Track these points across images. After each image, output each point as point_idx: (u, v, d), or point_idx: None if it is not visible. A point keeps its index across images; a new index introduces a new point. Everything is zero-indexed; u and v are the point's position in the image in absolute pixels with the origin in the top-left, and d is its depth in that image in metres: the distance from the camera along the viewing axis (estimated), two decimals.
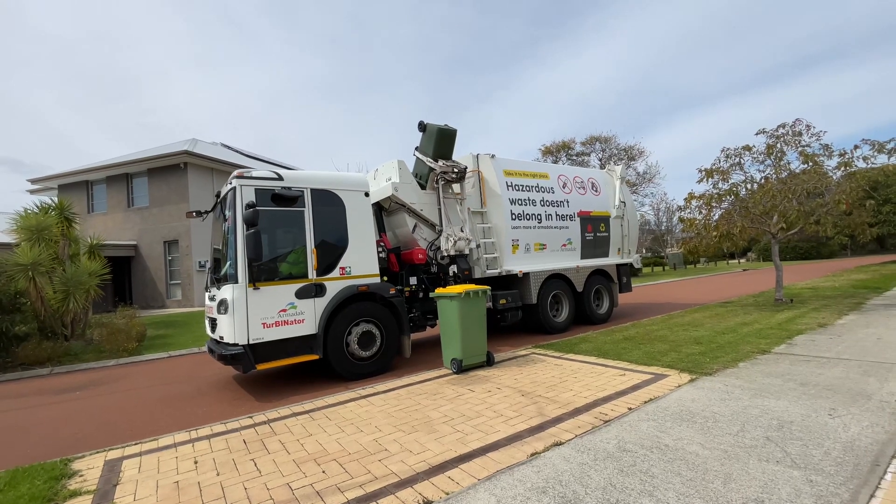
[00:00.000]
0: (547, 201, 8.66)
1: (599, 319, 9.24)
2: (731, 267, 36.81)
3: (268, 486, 2.88)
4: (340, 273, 5.79)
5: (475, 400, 4.38)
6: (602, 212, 9.63)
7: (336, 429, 3.84)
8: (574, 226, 9.03)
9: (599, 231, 9.49)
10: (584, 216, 9.22)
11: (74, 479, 3.16)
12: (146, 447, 3.71)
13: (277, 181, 5.57)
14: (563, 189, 9.04)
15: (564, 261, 8.77)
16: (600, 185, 9.88)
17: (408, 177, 7.20)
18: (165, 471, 3.21)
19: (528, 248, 8.26)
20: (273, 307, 5.24)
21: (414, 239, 7.20)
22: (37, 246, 9.32)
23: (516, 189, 8.24)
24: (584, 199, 9.35)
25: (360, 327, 5.85)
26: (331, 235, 5.82)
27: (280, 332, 5.26)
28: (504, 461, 2.97)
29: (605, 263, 9.46)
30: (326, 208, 5.82)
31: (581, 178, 9.61)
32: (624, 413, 3.71)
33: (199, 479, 3.04)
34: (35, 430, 4.79)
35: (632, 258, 10.19)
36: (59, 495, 2.91)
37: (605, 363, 5.48)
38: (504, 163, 8.34)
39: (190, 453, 3.52)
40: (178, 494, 2.85)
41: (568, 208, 8.97)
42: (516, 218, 8.09)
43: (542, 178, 8.80)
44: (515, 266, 7.88)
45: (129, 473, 3.20)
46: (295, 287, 5.41)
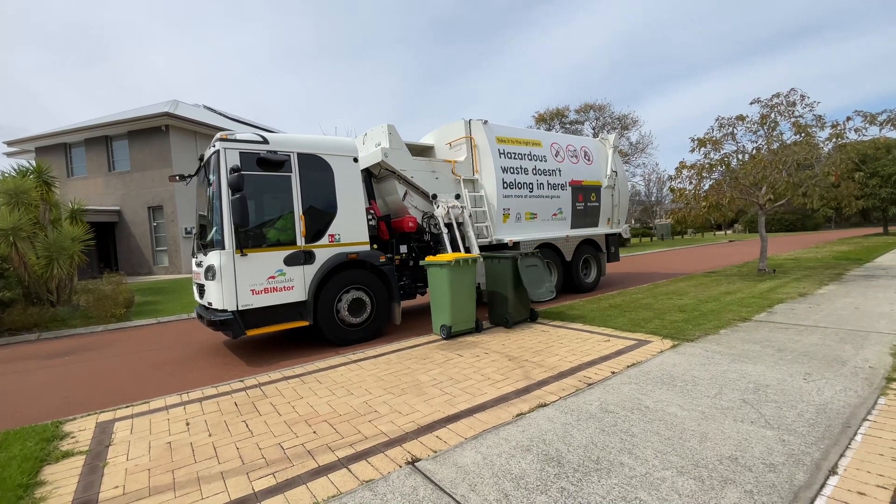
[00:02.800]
0: (539, 170, 8.54)
1: (587, 288, 9.35)
2: (717, 238, 37.35)
3: (259, 445, 2.94)
4: (330, 240, 5.76)
5: (463, 364, 4.47)
6: (593, 181, 9.57)
7: (327, 392, 3.91)
8: (565, 195, 8.97)
9: (590, 201, 9.47)
10: (576, 185, 9.17)
11: (66, 441, 3.19)
12: (137, 410, 3.75)
13: (263, 144, 5.41)
14: (556, 158, 8.92)
15: (555, 230, 8.76)
16: (593, 154, 9.77)
17: (398, 142, 7.02)
18: (157, 432, 3.26)
19: (520, 218, 8.21)
20: (261, 274, 5.23)
21: (405, 207, 7.10)
22: (16, 210, 9.05)
23: (508, 157, 8.08)
24: (577, 168, 9.26)
25: (351, 294, 5.87)
26: (319, 202, 5.74)
27: (269, 299, 5.27)
28: (490, 421, 3.06)
29: (594, 233, 9.49)
30: (314, 173, 5.71)
31: (574, 146, 9.49)
32: (607, 377, 3.82)
33: (191, 440, 3.09)
34: (24, 394, 4.80)
35: (621, 228, 10.21)
36: (52, 456, 2.94)
37: (590, 330, 5.60)
38: (497, 129, 8.12)
39: (181, 415, 3.56)
40: (171, 454, 2.90)
41: (560, 177, 8.89)
42: (508, 186, 7.96)
43: (534, 145, 8.63)
44: (506, 235, 7.84)
45: (122, 435, 3.24)
46: (283, 254, 5.39)
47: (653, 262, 16.98)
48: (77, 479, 2.63)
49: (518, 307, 6.10)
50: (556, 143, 9.15)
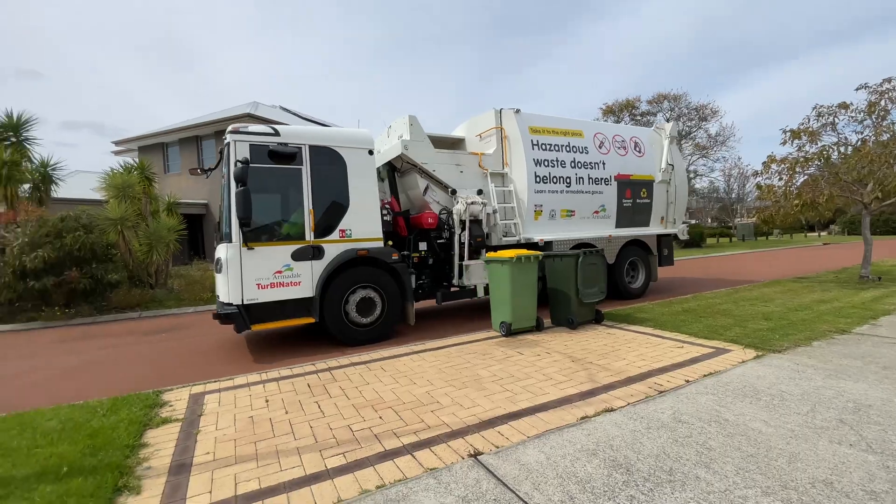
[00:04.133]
0: (579, 162, 7.82)
1: (633, 294, 8.51)
2: (809, 240, 33.67)
3: (330, 426, 3.12)
4: (340, 235, 5.61)
5: (524, 362, 4.43)
6: (644, 175, 8.65)
7: (391, 380, 4.05)
8: (610, 190, 8.19)
9: (640, 197, 8.58)
10: (623, 180, 8.33)
11: (165, 409, 3.58)
12: (224, 385, 4.12)
13: (274, 137, 5.35)
14: (600, 149, 8.13)
15: (595, 229, 8.02)
16: (645, 146, 8.85)
17: (420, 134, 6.69)
18: (241, 406, 3.56)
19: (553, 215, 7.58)
20: (268, 268, 5.18)
21: (426, 202, 6.82)
22: (123, 202, 10.26)
23: (543, 148, 7.45)
24: (625, 160, 8.43)
25: (360, 293, 5.70)
26: (330, 195, 5.59)
27: (275, 294, 5.20)
28: (553, 422, 3.01)
29: (643, 233, 8.61)
30: (326, 166, 5.58)
31: (622, 136, 8.62)
32: (680, 385, 3.61)
33: (270, 416, 3.35)
34: (129, 365, 5.45)
35: (677, 228, 9.18)
36: (154, 421, 3.32)
37: (661, 334, 5.30)
38: (530, 118, 7.51)
39: (261, 392, 3.87)
40: (253, 428, 3.16)
41: (604, 171, 8.10)
42: (541, 181, 7.35)
43: (574, 136, 7.90)
44: (536, 234, 7.26)
45: (211, 406, 3.58)
46: (291, 248, 5.31)
47: (731, 266, 15.70)
48: (174, 444, 2.95)
49: (582, 307, 5.91)
50: (601, 132, 8.35)
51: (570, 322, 5.84)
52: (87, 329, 8.15)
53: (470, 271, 6.68)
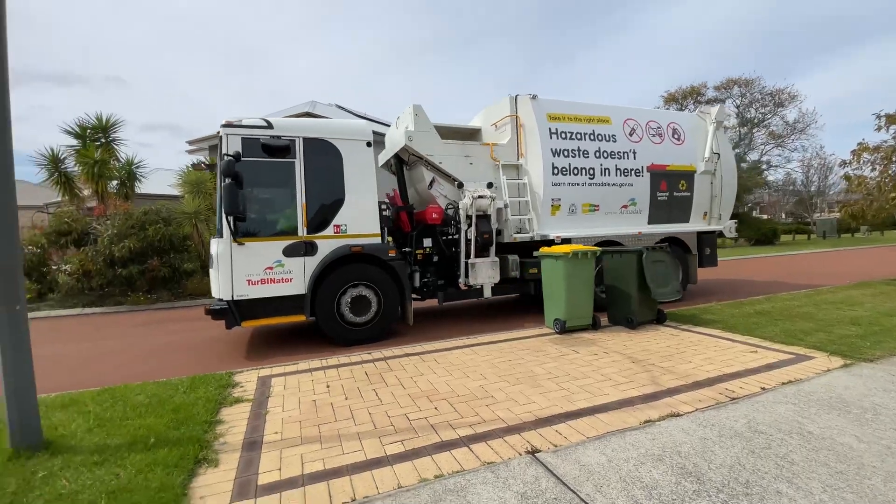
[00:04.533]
0: (605, 152, 7.18)
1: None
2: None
3: (388, 414, 3.20)
4: (334, 231, 5.43)
5: (580, 361, 4.30)
6: (683, 166, 7.86)
7: (444, 372, 4.09)
8: (641, 182, 7.48)
9: (678, 189, 7.81)
10: (658, 171, 7.59)
11: (237, 389, 3.84)
12: (288, 369, 4.35)
13: (266, 130, 5.21)
14: (630, 137, 7.43)
15: (623, 225, 7.37)
16: (685, 132, 8.03)
17: (425, 124, 6.33)
18: (304, 390, 3.74)
19: (574, 210, 6.99)
20: (259, 264, 5.08)
21: (433, 196, 6.49)
22: (197, 198, 11.08)
23: (563, 137, 6.88)
24: (660, 148, 7.68)
25: (354, 291, 5.50)
26: (324, 189, 5.43)
27: (266, 291, 5.10)
28: (614, 424, 2.91)
29: (681, 230, 7.84)
30: (321, 159, 5.40)
31: (658, 122, 7.85)
32: (755, 392, 3.35)
33: (331, 401, 3.49)
34: (204, 348, 5.89)
35: (721, 225, 8.31)
36: (227, 400, 3.57)
37: (732, 338, 4.95)
38: (549, 105, 6.96)
39: (322, 378, 4.04)
40: (316, 411, 3.31)
41: (634, 160, 7.40)
42: (559, 172, 6.79)
43: (601, 123, 7.26)
44: (553, 231, 6.71)
45: (277, 389, 3.79)
46: (283, 244, 5.18)
47: (807, 265, 14.37)
48: (246, 422, 3.15)
49: (643, 307, 5.65)
50: (633, 118, 7.59)
51: (629, 321, 5.60)
52: (167, 313, 8.92)
53: (476, 270, 6.25)
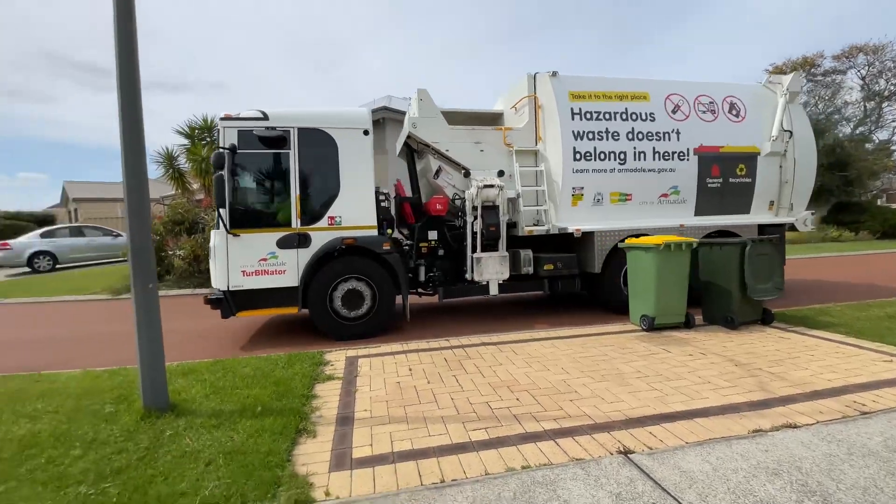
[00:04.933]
0: (640, 133, 6.32)
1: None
2: None
3: (470, 400, 3.23)
4: (329, 223, 5.31)
5: (673, 361, 4.01)
6: (743, 147, 6.70)
7: (523, 363, 4.03)
8: (687, 167, 6.50)
9: (735, 175, 6.69)
10: (708, 153, 6.56)
11: (328, 367, 4.10)
12: (372, 351, 4.56)
13: (262, 121, 5.13)
14: (673, 115, 6.48)
15: (661, 217, 6.44)
16: (745, 107, 6.80)
17: (430, 110, 6.00)
18: (389, 372, 3.90)
19: (600, 199, 6.26)
20: (253, 255, 5.08)
21: (440, 185, 6.16)
22: None
23: (588, 118, 6.17)
24: (712, 127, 6.62)
25: (348, 284, 5.35)
26: (319, 180, 5.35)
27: (260, 282, 5.10)
28: (717, 430, 2.67)
29: (737, 223, 6.66)
30: (315, 149, 5.28)
31: (711, 97, 6.72)
32: (893, 407, 2.89)
33: (414, 384, 3.60)
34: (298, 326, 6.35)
35: (794, 216, 6.92)
36: (320, 377, 3.82)
37: (858, 343, 4.31)
38: (572, 82, 6.27)
39: (404, 362, 4.18)
40: (401, 393, 3.43)
41: (678, 142, 6.44)
42: (582, 158, 6.10)
43: (636, 100, 6.40)
44: (573, 223, 6.08)
45: (364, 370, 3.99)
46: (277, 236, 5.14)
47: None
48: (338, 399, 3.35)
49: (745, 305, 5.11)
50: (678, 93, 6.59)
51: (729, 321, 5.10)
52: None
53: (482, 265, 5.78)
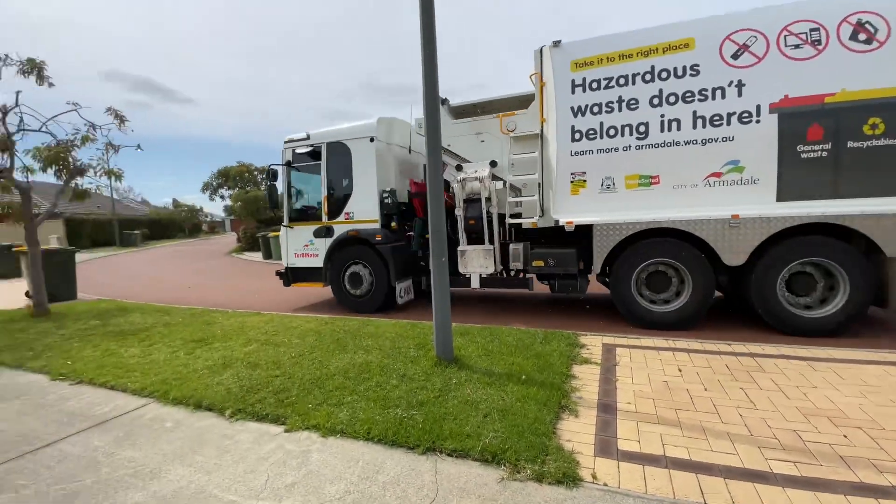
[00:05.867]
0: (672, 95, 4.86)
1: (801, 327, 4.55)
2: None
3: (768, 423, 2.62)
4: (345, 217, 6.60)
5: None
6: (879, 90, 4.17)
7: (855, 392, 2.99)
8: (756, 132, 4.56)
9: (862, 135, 4.23)
10: (800, 108, 4.41)
11: (583, 350, 4.07)
12: (632, 342, 4.27)
13: (304, 140, 6.79)
14: (734, 60, 4.65)
15: (706, 204, 4.76)
16: (890, 22, 4.16)
17: None
18: (653, 368, 3.57)
19: (611, 185, 5.17)
20: (300, 242, 6.90)
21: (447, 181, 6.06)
22: None
23: (593, 87, 5.18)
24: (811, 66, 4.37)
25: (354, 267, 6.59)
26: (340, 183, 6.67)
27: (303, 262, 6.93)
28: None
29: (864, 211, 4.23)
30: (338, 158, 6.60)
31: (815, 21, 4.37)
32: None
33: (686, 387, 3.18)
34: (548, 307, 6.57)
35: None
36: (577, 358, 3.83)
37: None
38: (578, 48, 5.26)
39: (671, 360, 3.75)
40: (670, 393, 3.09)
41: (738, 98, 4.63)
42: (584, 137, 5.23)
43: (671, 51, 4.86)
44: (572, 213, 5.32)
45: (624, 360, 3.77)
46: (313, 228, 6.78)
47: None
48: (597, 384, 3.29)
49: None
50: (748, 28, 4.60)
51: None
52: None
53: (466, 258, 5.82)
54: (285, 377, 3.59)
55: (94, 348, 4.67)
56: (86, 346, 4.80)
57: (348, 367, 3.77)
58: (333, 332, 4.89)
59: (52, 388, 3.70)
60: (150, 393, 3.43)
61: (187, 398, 3.28)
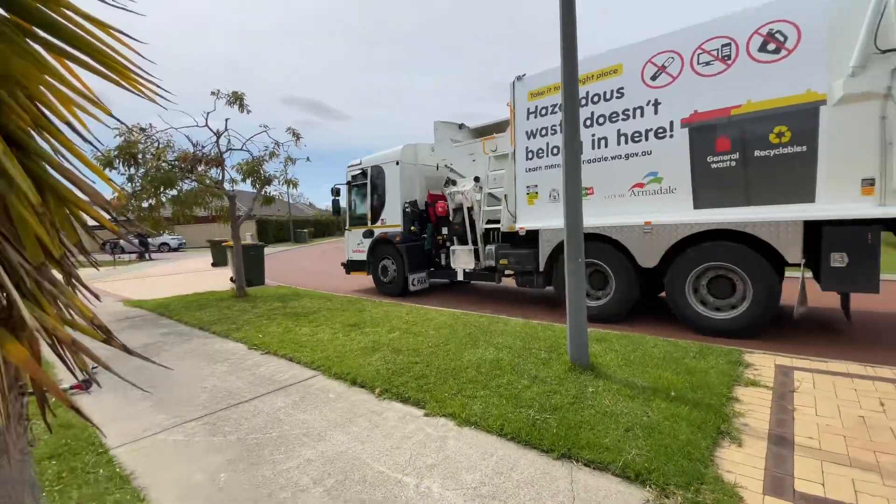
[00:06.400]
0: (600, 116, 5.45)
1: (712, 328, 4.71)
2: None
3: None
4: (381, 223, 8.46)
5: None
6: (782, 98, 4.24)
7: None
8: (670, 146, 4.92)
9: (767, 144, 4.33)
10: (708, 121, 4.67)
11: (749, 370, 3.50)
12: (815, 365, 3.54)
13: (357, 164, 8.91)
14: (651, 81, 5.04)
15: (629, 213, 5.22)
16: (800, 31, 4.15)
17: (441, 135, 8.24)
18: (843, 399, 2.91)
19: (556, 196, 5.85)
20: (355, 242, 9.05)
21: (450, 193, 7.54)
22: None
23: (541, 114, 6.02)
24: (718, 81, 4.59)
25: (384, 262, 8.42)
26: (378, 197, 8.49)
27: (357, 256, 9.02)
28: None
29: (758, 219, 4.37)
30: (376, 178, 8.51)
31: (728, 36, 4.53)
32: None
33: (890, 425, 2.53)
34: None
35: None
36: (741, 379, 3.32)
37: None
38: (535, 80, 6.08)
39: (870, 390, 3.01)
40: (867, 431, 2.49)
41: (655, 115, 5.03)
42: (534, 156, 6.10)
43: (602, 77, 5.40)
44: (529, 220, 6.20)
45: (805, 386, 3.15)
46: (362, 230, 8.83)
47: None
48: (767, 412, 2.80)
49: None
50: (668, 50, 4.90)
51: None
52: None
53: (454, 255, 7.52)
54: (423, 364, 3.88)
55: (277, 326, 5.67)
56: (271, 323, 5.85)
57: (480, 361, 3.89)
58: (465, 327, 5.09)
59: (249, 356, 4.60)
60: (318, 366, 4.04)
61: (345, 374, 3.77)
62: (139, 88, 1.28)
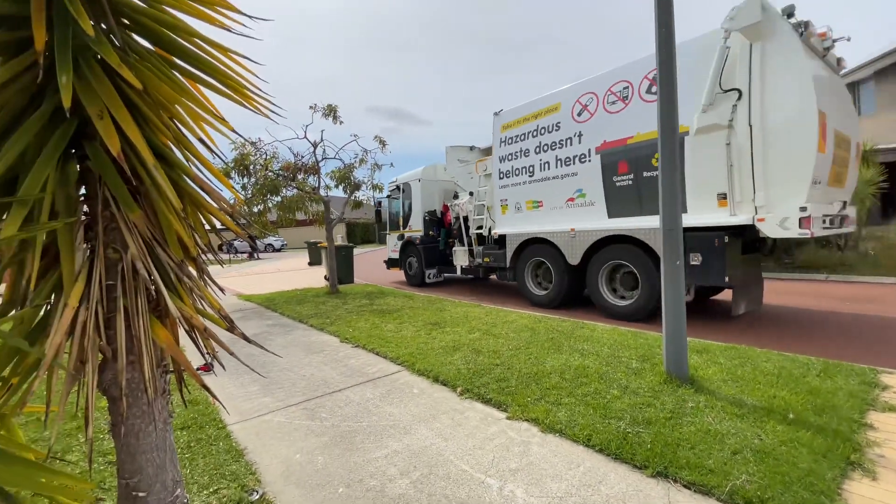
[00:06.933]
0: (545, 145, 6.83)
1: (616, 313, 5.97)
2: None
3: None
4: (408, 228, 10.44)
5: None
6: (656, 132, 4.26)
7: None
8: (588, 169, 6.23)
9: (651, 167, 5.42)
10: (612, 149, 5.92)
11: (887, 393, 2.99)
12: None
13: (394, 182, 10.97)
14: (578, 117, 6.38)
15: (566, 221, 6.55)
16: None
17: (451, 157, 9.38)
18: None
19: (519, 207, 7.35)
20: (392, 244, 11.14)
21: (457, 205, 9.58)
22: None
23: (509, 143, 7.45)
24: (619, 118, 5.83)
25: (409, 259, 10.46)
26: (408, 207, 10.52)
27: (393, 255, 11.09)
28: None
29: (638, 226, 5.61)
30: (406, 192, 10.55)
31: (628, 80, 5.75)
32: None
33: None
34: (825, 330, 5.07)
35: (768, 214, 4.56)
36: (876, 403, 2.83)
37: None
38: (506, 115, 7.54)
39: None
40: None
41: (578, 145, 6.36)
42: (504, 176, 7.56)
43: (547, 114, 6.82)
44: (503, 227, 7.68)
45: None
46: (397, 234, 10.88)
47: None
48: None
49: None
50: (590, 91, 6.24)
51: None
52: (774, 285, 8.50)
53: (455, 254, 9.25)
54: (504, 367, 3.85)
55: (365, 322, 6.01)
56: (360, 319, 6.21)
57: (564, 367, 3.76)
58: (547, 331, 4.96)
59: (341, 348, 4.93)
60: (402, 362, 4.20)
61: (427, 371, 3.87)
62: (256, 106, 1.44)
